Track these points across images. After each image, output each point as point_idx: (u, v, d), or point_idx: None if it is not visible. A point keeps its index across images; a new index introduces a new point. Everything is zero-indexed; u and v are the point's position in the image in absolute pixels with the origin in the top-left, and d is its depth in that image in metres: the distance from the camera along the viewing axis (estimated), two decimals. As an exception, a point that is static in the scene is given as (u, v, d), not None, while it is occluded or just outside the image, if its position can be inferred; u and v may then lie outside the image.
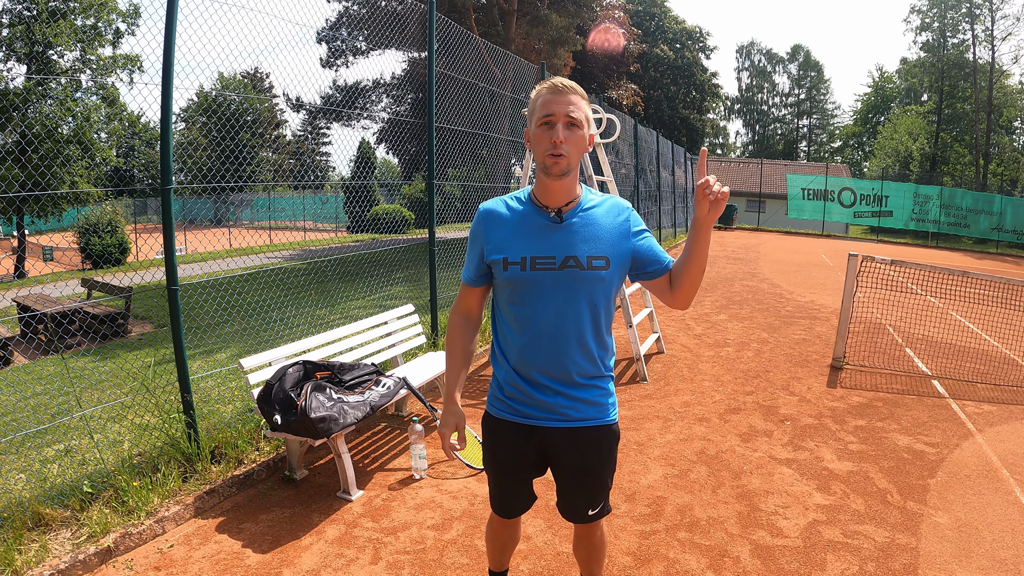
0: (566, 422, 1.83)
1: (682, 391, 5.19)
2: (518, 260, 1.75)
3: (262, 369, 3.55)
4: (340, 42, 19.55)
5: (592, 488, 1.93)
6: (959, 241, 28.71)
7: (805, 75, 63.25)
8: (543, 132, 1.70)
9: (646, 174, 15.45)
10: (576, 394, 1.82)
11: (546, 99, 1.70)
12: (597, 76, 28.71)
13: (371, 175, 30.39)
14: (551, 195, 1.76)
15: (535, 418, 1.84)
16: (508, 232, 1.78)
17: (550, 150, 1.68)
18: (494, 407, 1.93)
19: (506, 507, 2.03)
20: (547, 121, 1.69)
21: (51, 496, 3.08)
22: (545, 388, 1.81)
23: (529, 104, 1.79)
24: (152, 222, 29.31)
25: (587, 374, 1.82)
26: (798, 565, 2.78)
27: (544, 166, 1.71)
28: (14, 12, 16.83)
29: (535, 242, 1.75)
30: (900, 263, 5.82)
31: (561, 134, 1.68)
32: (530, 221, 1.78)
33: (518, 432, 1.88)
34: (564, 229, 1.75)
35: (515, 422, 1.87)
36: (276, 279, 10.82)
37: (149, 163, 41.97)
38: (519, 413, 1.86)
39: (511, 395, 1.87)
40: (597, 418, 1.86)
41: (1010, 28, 43.80)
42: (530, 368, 1.80)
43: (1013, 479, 3.68)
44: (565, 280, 1.74)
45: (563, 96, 1.70)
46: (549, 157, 1.69)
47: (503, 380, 1.88)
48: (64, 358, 6.94)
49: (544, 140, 1.70)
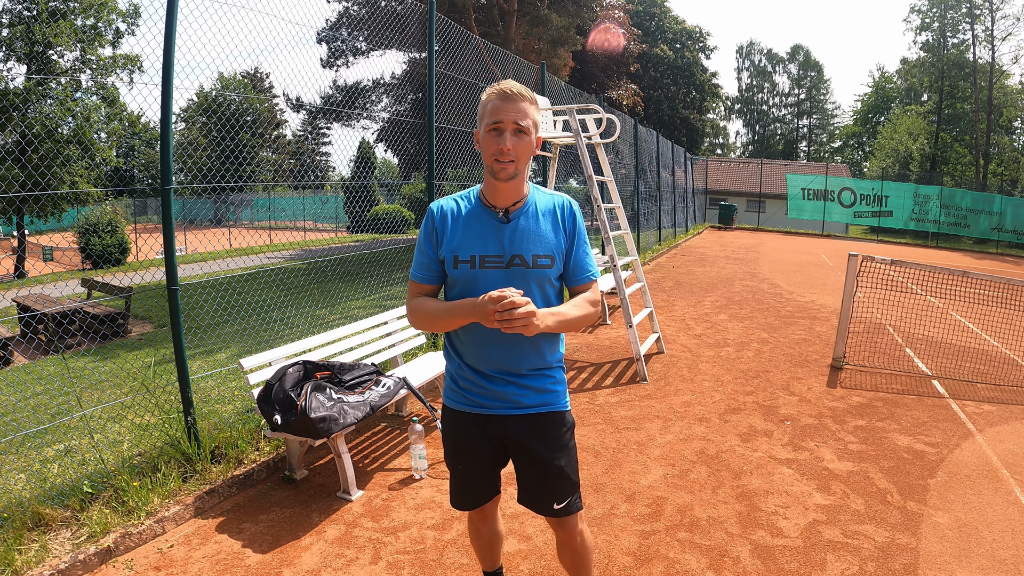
0: (519, 409, 1.91)
1: (682, 391, 5.19)
2: (467, 258, 1.81)
3: (262, 369, 3.56)
4: (340, 42, 19.55)
5: (552, 476, 1.95)
6: (959, 241, 28.70)
7: (805, 75, 63.27)
8: (491, 138, 1.76)
9: (646, 174, 15.45)
10: (526, 383, 1.90)
11: (496, 105, 1.74)
12: (597, 76, 28.71)
13: (371, 175, 30.40)
14: (498, 196, 1.84)
15: (489, 407, 1.92)
16: (458, 231, 1.84)
17: (497, 156, 1.75)
18: (450, 399, 1.99)
19: (467, 497, 2.07)
20: (496, 128, 1.75)
21: (51, 496, 3.08)
22: (496, 379, 1.89)
23: (480, 107, 1.82)
24: (152, 222, 29.32)
25: (536, 366, 1.91)
26: (798, 565, 2.78)
27: (492, 170, 1.78)
28: (14, 12, 16.83)
29: (483, 241, 1.82)
30: (900, 263, 5.82)
31: (509, 141, 1.74)
32: (479, 220, 1.84)
33: (475, 422, 1.95)
34: (511, 228, 1.83)
35: (472, 412, 1.94)
36: (276, 279, 10.82)
37: (149, 163, 41.98)
38: (474, 403, 1.93)
39: (465, 387, 1.93)
40: (549, 404, 1.93)
41: (1010, 28, 43.82)
42: (481, 362, 1.89)
43: (1013, 479, 3.68)
44: (512, 278, 1.82)
45: (512, 104, 1.74)
46: (496, 163, 1.76)
47: (456, 373, 1.94)
48: (64, 358, 6.94)
49: (492, 146, 1.75)
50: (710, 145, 58.74)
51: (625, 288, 5.64)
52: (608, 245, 5.60)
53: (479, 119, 1.82)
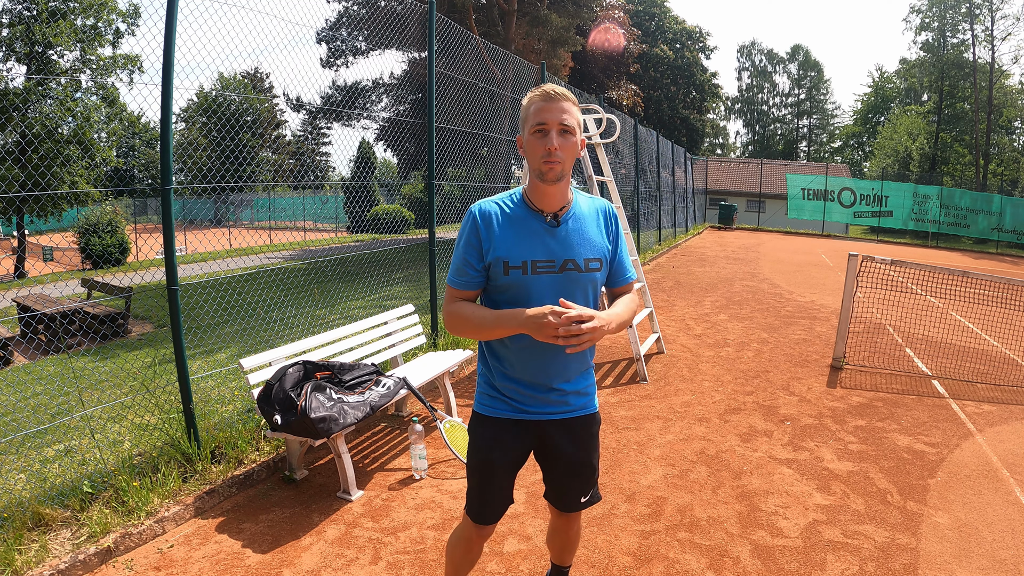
0: (562, 414, 1.92)
1: (682, 391, 5.19)
2: (519, 264, 1.77)
3: (262, 369, 3.55)
4: (340, 42, 19.54)
5: (585, 474, 2.01)
6: (959, 241, 28.70)
7: (805, 75, 63.27)
8: (537, 139, 1.73)
9: (646, 174, 15.44)
10: (568, 387, 1.90)
11: (539, 107, 1.73)
12: (597, 76, 28.71)
13: (371, 175, 30.39)
14: (547, 199, 1.80)
15: (532, 413, 1.90)
16: (506, 235, 1.78)
17: (545, 157, 1.72)
18: (488, 406, 1.93)
19: (492, 510, 1.99)
20: (541, 129, 1.73)
21: (51, 496, 3.08)
22: (540, 385, 1.87)
23: (522, 111, 1.80)
24: (152, 222, 29.32)
25: (579, 370, 1.92)
26: (798, 565, 2.78)
27: (540, 172, 1.75)
28: (14, 12, 16.83)
29: (535, 246, 1.78)
30: (900, 263, 5.82)
31: (555, 141, 1.71)
32: (527, 225, 1.80)
33: (515, 428, 1.91)
34: (561, 232, 1.81)
35: (512, 419, 1.91)
36: (276, 279, 10.82)
37: (149, 163, 41.97)
38: (516, 409, 1.90)
39: (508, 394, 1.89)
40: (586, 407, 1.97)
41: (1010, 28, 43.76)
42: (528, 367, 1.85)
43: (1013, 479, 3.68)
44: (564, 282, 1.80)
45: (556, 104, 1.73)
46: (544, 164, 1.73)
47: (498, 381, 1.90)
48: (67, 357, 6.94)
49: (539, 147, 1.73)
50: (710, 145, 58.73)
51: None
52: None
53: (522, 123, 1.80)
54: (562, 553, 2.28)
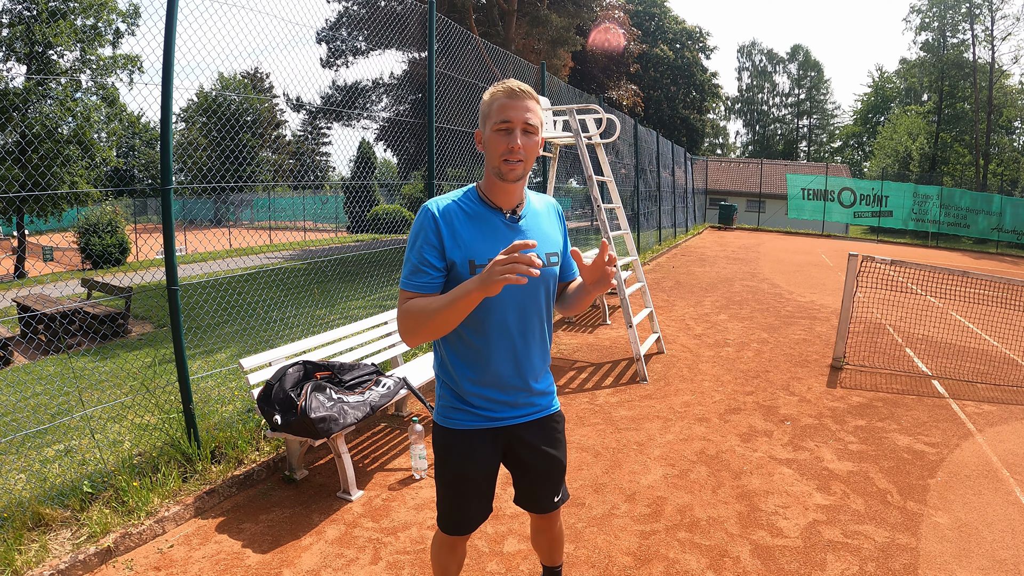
0: (532, 415, 1.90)
1: (682, 391, 5.19)
2: (486, 263, 1.69)
3: (262, 369, 3.56)
4: (340, 42, 19.54)
5: (556, 473, 1.99)
6: (959, 241, 28.70)
7: (805, 75, 63.27)
8: (500, 137, 1.68)
9: (646, 174, 15.44)
10: (536, 387, 1.88)
11: (504, 103, 1.67)
12: (597, 76, 28.71)
13: (371, 175, 30.39)
14: (505, 196, 1.76)
15: (502, 419, 1.85)
16: (471, 234, 1.72)
17: (506, 156, 1.67)
18: (454, 419, 1.85)
19: (469, 521, 1.94)
20: (504, 127, 1.67)
21: (51, 496, 3.08)
22: (510, 388, 1.83)
23: (483, 105, 1.73)
24: (152, 222, 29.32)
25: (543, 367, 1.91)
26: (798, 565, 2.78)
27: (500, 171, 1.69)
28: (14, 12, 16.82)
29: (499, 244, 1.73)
30: (900, 263, 5.82)
31: (519, 140, 1.66)
32: (489, 222, 1.74)
33: (484, 438, 1.86)
34: (520, 229, 1.79)
35: (482, 428, 1.85)
36: (276, 279, 10.82)
37: (149, 163, 41.97)
38: (486, 418, 1.84)
39: (475, 404, 1.83)
40: (552, 406, 1.96)
41: (1010, 28, 43.76)
42: (497, 371, 1.80)
43: (1013, 479, 3.68)
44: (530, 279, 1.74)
45: (521, 101, 1.67)
46: (505, 163, 1.68)
47: (466, 390, 1.82)
48: (67, 357, 6.94)
49: (501, 145, 1.67)
50: (710, 145, 58.73)
51: (625, 288, 5.64)
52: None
53: (483, 118, 1.73)
54: (551, 553, 2.25)
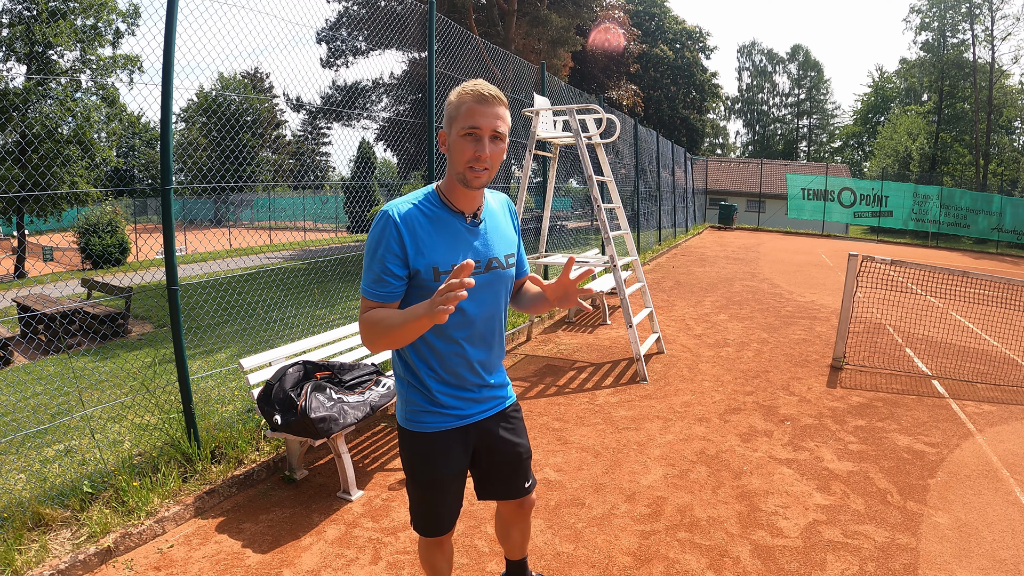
0: (496, 408, 1.94)
1: (682, 391, 5.19)
2: (450, 269, 1.68)
3: (262, 369, 3.56)
4: (340, 42, 19.55)
5: (525, 458, 2.03)
6: (959, 241, 28.71)
7: (805, 75, 63.29)
8: (467, 143, 1.63)
9: (646, 174, 15.44)
10: (494, 381, 1.92)
11: (472, 108, 1.61)
12: (597, 76, 28.71)
13: (371, 175, 30.39)
14: (467, 201, 1.74)
15: (471, 416, 1.88)
16: (434, 240, 1.69)
17: (472, 163, 1.63)
18: (423, 422, 1.83)
19: (448, 521, 1.96)
20: (472, 133, 1.62)
21: (51, 496, 3.08)
22: (474, 385, 1.86)
23: (450, 106, 1.67)
24: (152, 222, 29.32)
25: (500, 362, 1.96)
26: (798, 565, 2.78)
27: (464, 178, 1.66)
28: (14, 12, 16.83)
29: (462, 249, 1.72)
30: (900, 263, 5.82)
31: (487, 149, 1.63)
32: (451, 227, 1.72)
33: (455, 437, 1.86)
34: (481, 232, 1.78)
35: (453, 428, 1.85)
36: (276, 279, 10.82)
37: (149, 163, 41.97)
38: (455, 417, 1.85)
39: (445, 404, 1.83)
40: (511, 395, 2.01)
41: (1010, 28, 43.79)
42: (463, 370, 1.82)
43: (1013, 479, 3.68)
44: (491, 281, 1.80)
45: (491, 108, 1.62)
46: (470, 171, 1.64)
47: (434, 390, 1.81)
48: (67, 357, 6.94)
49: (467, 152, 1.63)
50: (710, 145, 58.74)
51: (625, 288, 5.64)
52: (608, 245, 5.60)
53: (448, 119, 1.67)
54: (521, 544, 2.27)
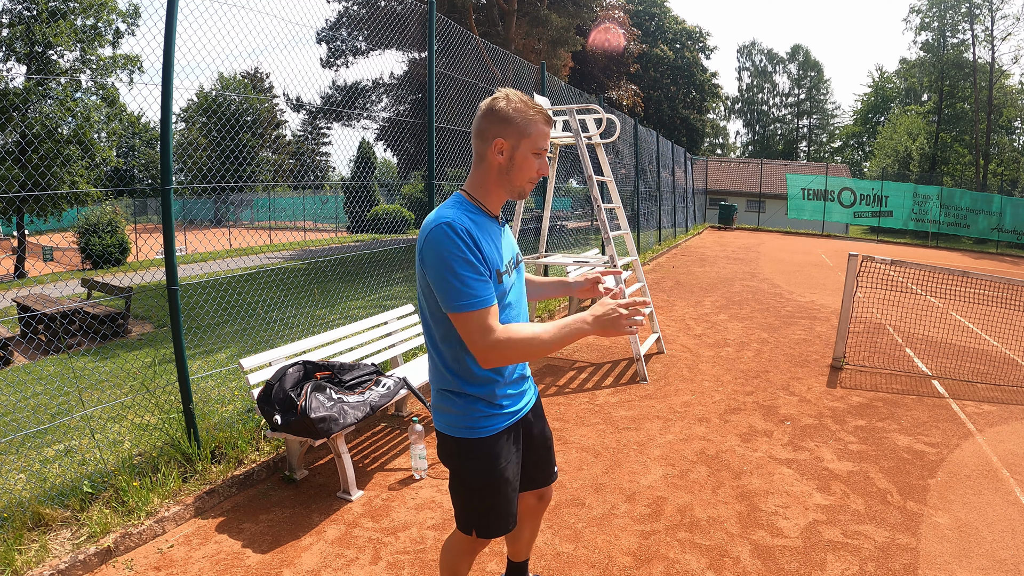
0: (533, 399, 2.06)
1: (682, 391, 5.19)
2: (504, 269, 1.82)
3: (262, 369, 3.56)
4: (340, 42, 19.55)
5: (552, 443, 2.18)
6: (959, 241, 28.70)
7: (805, 75, 63.27)
8: (536, 160, 1.79)
9: (646, 174, 15.44)
10: (528, 373, 2.04)
11: (543, 131, 1.77)
12: (597, 76, 28.70)
13: (371, 175, 30.39)
14: (498, 205, 1.88)
15: (520, 410, 1.96)
16: (489, 245, 1.76)
17: (534, 179, 1.81)
18: (488, 426, 1.84)
19: (514, 516, 1.96)
20: (542, 153, 1.79)
21: (51, 496, 3.08)
22: (523, 379, 1.98)
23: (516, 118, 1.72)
24: (152, 222, 29.32)
25: None
26: (798, 565, 2.78)
27: (521, 190, 1.83)
28: (14, 12, 16.83)
29: (503, 248, 1.85)
30: (900, 263, 5.82)
31: (547, 169, 1.83)
32: (490, 230, 1.81)
33: (513, 434, 1.93)
34: (506, 232, 1.93)
35: (511, 426, 1.91)
36: (276, 279, 10.82)
37: (149, 163, 41.97)
38: (512, 414, 1.92)
39: (502, 404, 1.87)
40: (535, 388, 2.13)
41: (1010, 28, 43.80)
42: (518, 368, 1.93)
43: (1013, 479, 3.68)
44: (518, 278, 1.94)
45: (551, 129, 1.83)
46: (529, 184, 1.82)
47: (498, 394, 1.84)
48: (67, 357, 6.94)
49: (532, 169, 1.79)
50: (710, 145, 58.73)
51: (625, 288, 5.64)
52: (608, 245, 5.60)
53: (516, 133, 1.73)
54: (529, 544, 2.34)
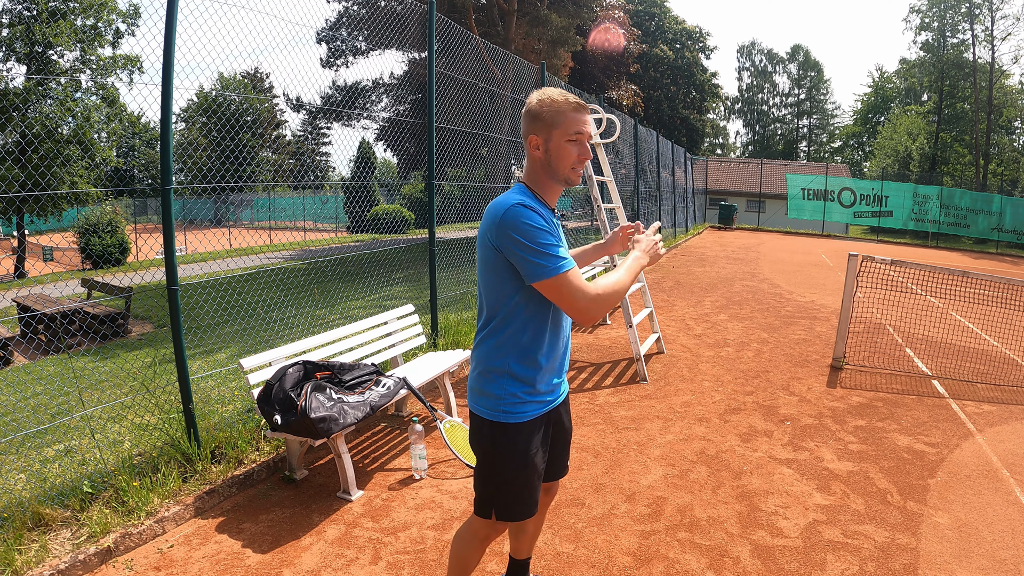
0: (565, 393, 2.12)
1: (682, 391, 5.19)
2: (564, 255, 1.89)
3: (262, 369, 3.55)
4: (340, 42, 19.55)
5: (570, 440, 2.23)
6: (959, 241, 28.71)
7: (805, 75, 63.28)
8: (572, 147, 1.84)
9: (646, 174, 15.44)
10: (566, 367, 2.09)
11: (576, 117, 1.83)
12: (597, 76, 28.71)
13: (371, 175, 30.38)
14: (555, 198, 1.95)
15: (552, 401, 2.01)
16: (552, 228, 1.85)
17: (576, 164, 1.86)
18: (524, 412, 1.91)
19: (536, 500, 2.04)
20: (577, 139, 1.84)
21: (51, 496, 3.08)
22: (560, 369, 2.03)
23: (549, 113, 1.83)
24: (152, 222, 29.31)
25: None
26: (798, 565, 2.78)
27: (567, 178, 1.88)
28: (14, 12, 16.83)
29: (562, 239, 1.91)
30: (900, 263, 5.82)
31: (588, 152, 1.88)
32: (550, 219, 1.89)
33: (544, 424, 2.00)
34: (560, 225, 1.97)
35: (543, 416, 1.99)
36: (276, 279, 10.82)
37: (149, 163, 41.98)
38: (547, 403, 1.99)
39: (543, 391, 1.95)
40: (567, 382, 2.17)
41: (1010, 28, 43.81)
42: (560, 356, 1.99)
43: (1013, 479, 3.68)
44: None
45: (586, 115, 1.86)
46: (573, 171, 1.87)
47: (536, 379, 1.92)
48: (67, 357, 6.94)
49: (572, 155, 1.84)
50: (710, 145, 58.75)
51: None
52: (608, 245, 5.59)
53: (548, 126, 1.82)
54: (532, 540, 2.38)
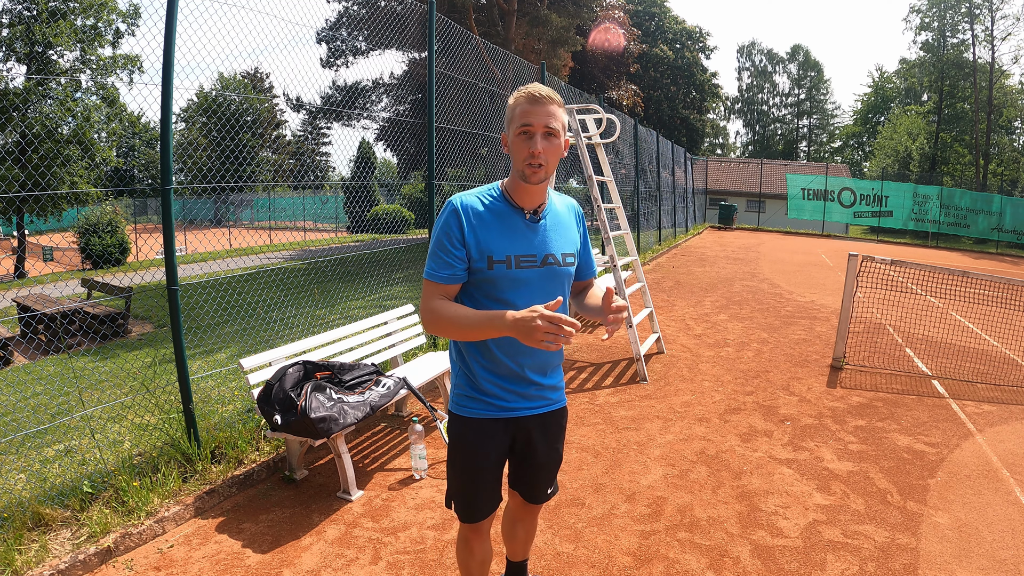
0: (540, 408, 1.96)
1: (682, 391, 5.19)
2: (503, 259, 1.78)
3: (262, 369, 3.55)
4: (340, 42, 19.55)
5: (554, 466, 2.09)
6: (959, 241, 28.71)
7: (805, 75, 63.26)
8: (522, 141, 1.74)
9: (646, 174, 15.44)
10: (546, 382, 1.95)
11: (525, 109, 1.73)
12: (597, 76, 28.70)
13: (371, 175, 30.39)
14: (527, 197, 1.83)
15: (512, 410, 1.91)
16: (490, 230, 1.79)
17: (528, 160, 1.73)
18: (468, 408, 1.91)
19: (482, 508, 2.00)
20: (525, 131, 1.73)
21: (51, 496, 3.08)
22: (522, 380, 1.90)
23: (508, 110, 1.80)
24: (152, 222, 29.32)
25: (556, 363, 1.98)
26: (798, 565, 2.78)
27: (523, 174, 1.76)
28: (14, 12, 16.82)
29: (517, 241, 1.81)
30: (900, 263, 5.82)
31: (540, 145, 1.72)
32: (508, 220, 1.82)
33: (495, 427, 1.91)
34: (540, 229, 1.85)
35: (492, 418, 1.90)
36: (276, 279, 10.82)
37: (149, 163, 41.96)
38: (497, 408, 1.90)
39: (488, 392, 1.89)
40: (560, 401, 2.03)
41: (1010, 28, 43.79)
42: (509, 362, 1.86)
43: (1013, 479, 3.68)
44: (546, 276, 1.85)
45: (542, 107, 1.73)
46: (528, 167, 1.74)
47: (480, 378, 1.88)
48: (67, 357, 6.94)
49: (523, 149, 1.74)
50: (710, 145, 58.74)
51: (625, 288, 5.64)
52: (608, 245, 5.60)
53: (507, 122, 1.80)
54: (524, 545, 2.30)
